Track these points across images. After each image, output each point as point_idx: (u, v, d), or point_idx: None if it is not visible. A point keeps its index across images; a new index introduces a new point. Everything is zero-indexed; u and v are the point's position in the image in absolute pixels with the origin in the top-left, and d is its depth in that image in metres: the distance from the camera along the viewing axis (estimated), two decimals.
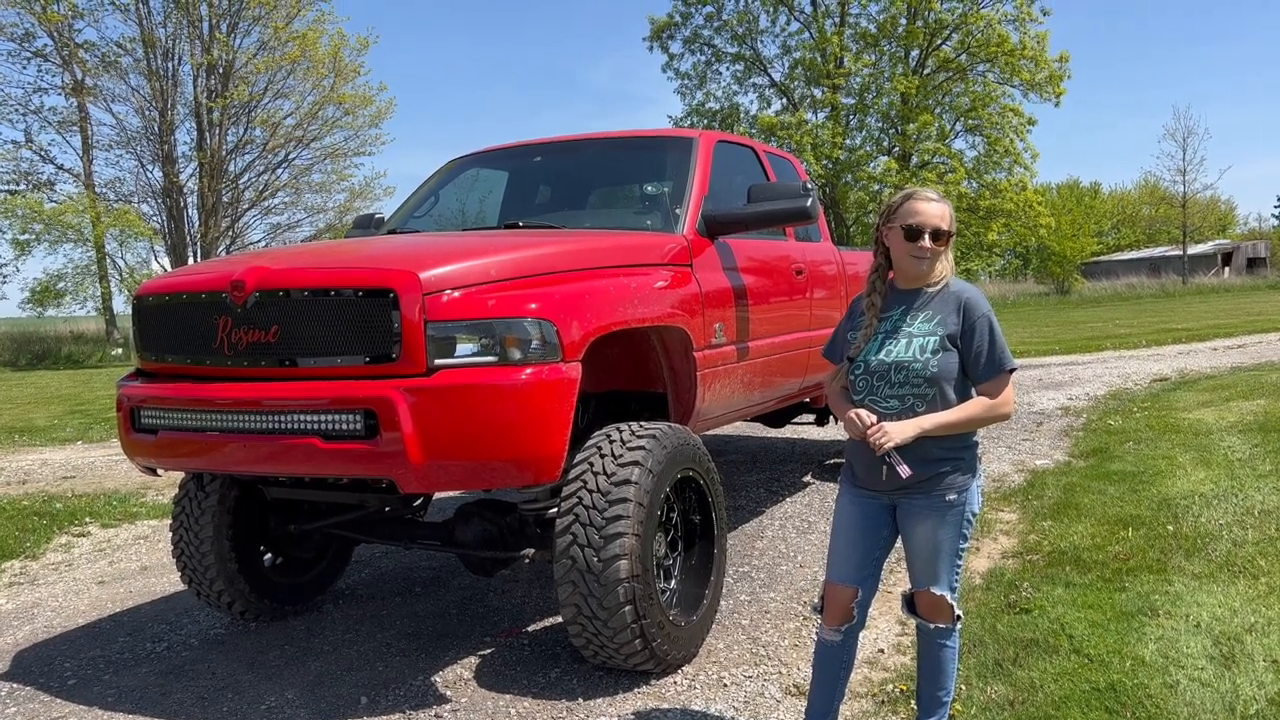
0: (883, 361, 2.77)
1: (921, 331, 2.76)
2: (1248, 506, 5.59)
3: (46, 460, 9.87)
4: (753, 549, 5.47)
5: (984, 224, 34.20)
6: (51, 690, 3.95)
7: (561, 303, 3.53)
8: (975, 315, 2.75)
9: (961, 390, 2.78)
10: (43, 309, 31.50)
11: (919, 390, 2.73)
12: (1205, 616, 3.97)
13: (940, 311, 2.78)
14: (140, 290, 4.04)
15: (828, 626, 2.96)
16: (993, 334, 2.75)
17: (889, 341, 2.79)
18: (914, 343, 2.75)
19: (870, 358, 2.79)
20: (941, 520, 2.78)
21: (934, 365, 2.72)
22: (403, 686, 3.81)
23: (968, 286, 2.84)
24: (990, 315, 2.78)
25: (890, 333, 2.80)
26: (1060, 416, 9.57)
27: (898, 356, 2.76)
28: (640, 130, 5.71)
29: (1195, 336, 17.86)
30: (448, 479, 3.42)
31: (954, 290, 2.81)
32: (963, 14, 33.67)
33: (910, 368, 2.73)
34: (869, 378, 2.80)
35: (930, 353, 2.73)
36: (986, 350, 2.74)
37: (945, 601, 2.84)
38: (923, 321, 2.78)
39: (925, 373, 2.72)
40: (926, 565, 2.84)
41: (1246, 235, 66.74)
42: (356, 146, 33.69)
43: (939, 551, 2.81)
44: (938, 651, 2.90)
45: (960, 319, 2.76)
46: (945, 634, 2.89)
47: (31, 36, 29.21)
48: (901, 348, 2.76)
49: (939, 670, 2.91)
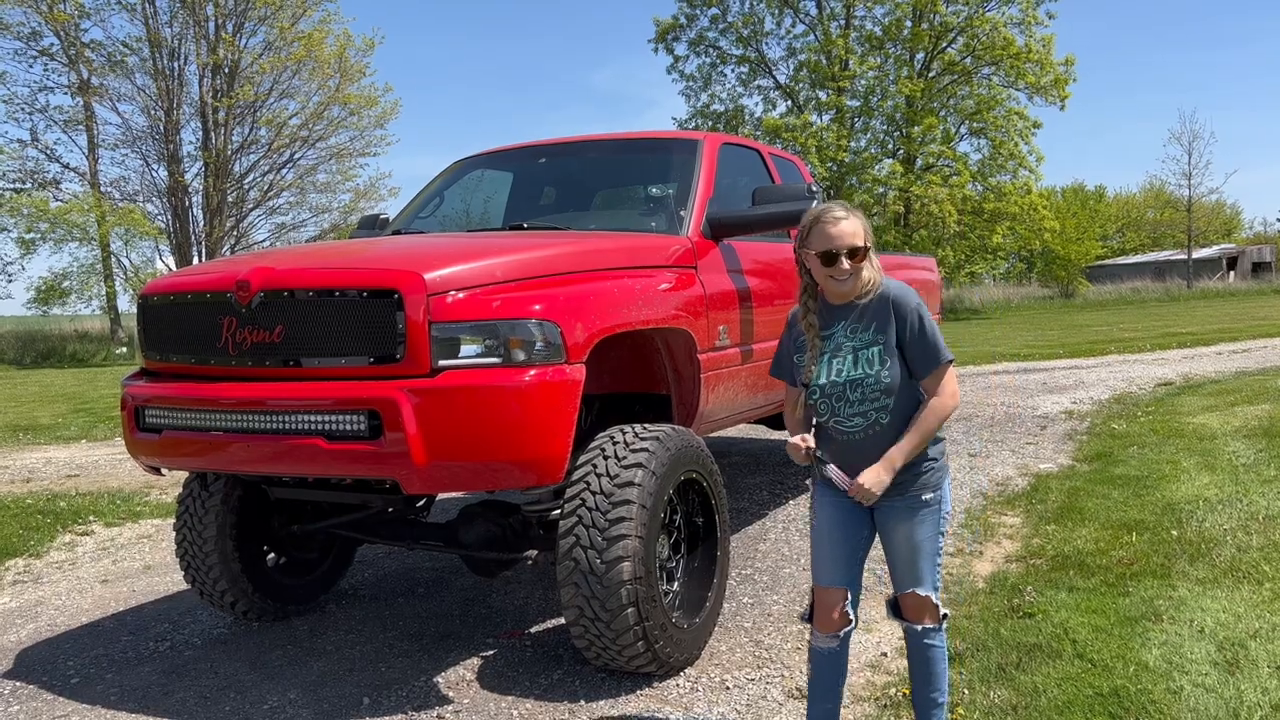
0: (835, 382, 2.77)
1: (864, 343, 2.75)
2: (1252, 512, 5.57)
3: (50, 458, 9.89)
4: (756, 551, 5.47)
5: (989, 227, 34.19)
6: (55, 689, 3.96)
7: (566, 304, 3.53)
8: (905, 312, 2.74)
9: (915, 390, 2.77)
10: (47, 307, 31.53)
11: (879, 403, 2.73)
12: (1209, 622, 3.96)
13: (876, 319, 2.77)
14: (145, 290, 4.05)
15: (822, 634, 2.93)
16: (923, 327, 2.73)
17: (835, 360, 2.78)
18: (860, 356, 2.75)
19: (822, 380, 2.79)
20: (920, 520, 2.80)
21: (886, 375, 2.72)
22: (405, 687, 3.81)
23: (894, 284, 2.80)
24: (919, 309, 2.75)
25: (835, 350, 2.79)
26: (1064, 420, 9.55)
27: (849, 374, 2.75)
28: (645, 132, 5.71)
29: (1200, 341, 17.82)
30: (451, 480, 3.43)
31: (885, 296, 2.78)
32: (968, 17, 33.67)
33: (865, 383, 2.74)
34: (828, 400, 2.79)
35: (879, 364, 2.72)
36: (921, 343, 2.73)
37: (930, 601, 2.85)
38: (862, 333, 2.77)
39: (880, 385, 2.73)
40: (909, 567, 2.84)
41: (1252, 240, 66.58)
42: (361, 147, 33.80)
43: (920, 551, 2.81)
44: (926, 653, 2.90)
45: (893, 321, 2.74)
46: (932, 634, 2.88)
47: (38, 35, 29.32)
48: (850, 364, 2.75)
49: (930, 671, 2.91)
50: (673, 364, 4.36)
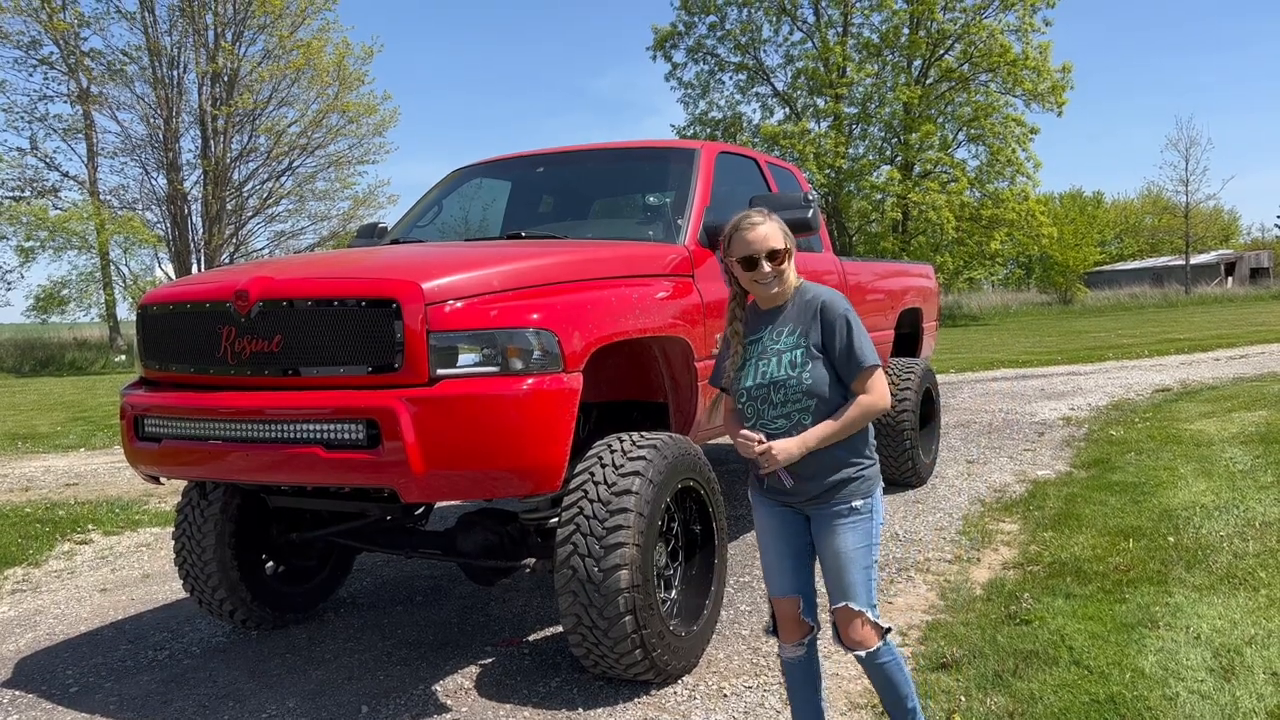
0: (760, 384, 2.79)
1: (787, 346, 2.78)
2: (1249, 518, 5.59)
3: (49, 467, 9.89)
4: (753, 559, 5.47)
5: (986, 233, 34.24)
6: (53, 698, 3.96)
7: (563, 313, 3.55)
8: (833, 317, 2.77)
9: (843, 393, 2.78)
10: (46, 316, 31.54)
11: (801, 404, 2.75)
12: (1205, 628, 3.97)
13: (801, 322, 2.80)
14: (144, 299, 4.06)
15: (787, 645, 2.93)
16: (850, 332, 2.75)
17: (760, 362, 2.81)
18: (783, 359, 2.77)
19: (748, 383, 2.82)
20: (847, 529, 2.77)
21: (806, 378, 2.74)
22: (403, 695, 3.82)
23: (823, 290, 2.84)
24: (848, 314, 2.78)
25: (761, 354, 2.82)
26: (1062, 426, 9.57)
27: (771, 376, 2.77)
28: (643, 141, 5.73)
29: (1198, 347, 17.85)
30: (449, 488, 3.44)
31: (809, 297, 2.83)
32: (965, 24, 33.78)
33: (786, 384, 2.75)
34: (754, 403, 2.81)
35: (800, 365, 2.75)
36: (846, 349, 2.75)
37: (864, 617, 2.77)
38: (786, 335, 2.80)
39: (801, 386, 2.74)
40: (837, 579, 2.79)
41: (1250, 245, 66.73)
42: (360, 154, 33.85)
43: (849, 562, 2.77)
44: (881, 671, 2.82)
45: (819, 325, 2.78)
46: (878, 653, 2.79)
47: (38, 44, 29.41)
48: (773, 366, 2.78)
49: (890, 684, 2.84)
50: (670, 372, 4.38)
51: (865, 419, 2.77)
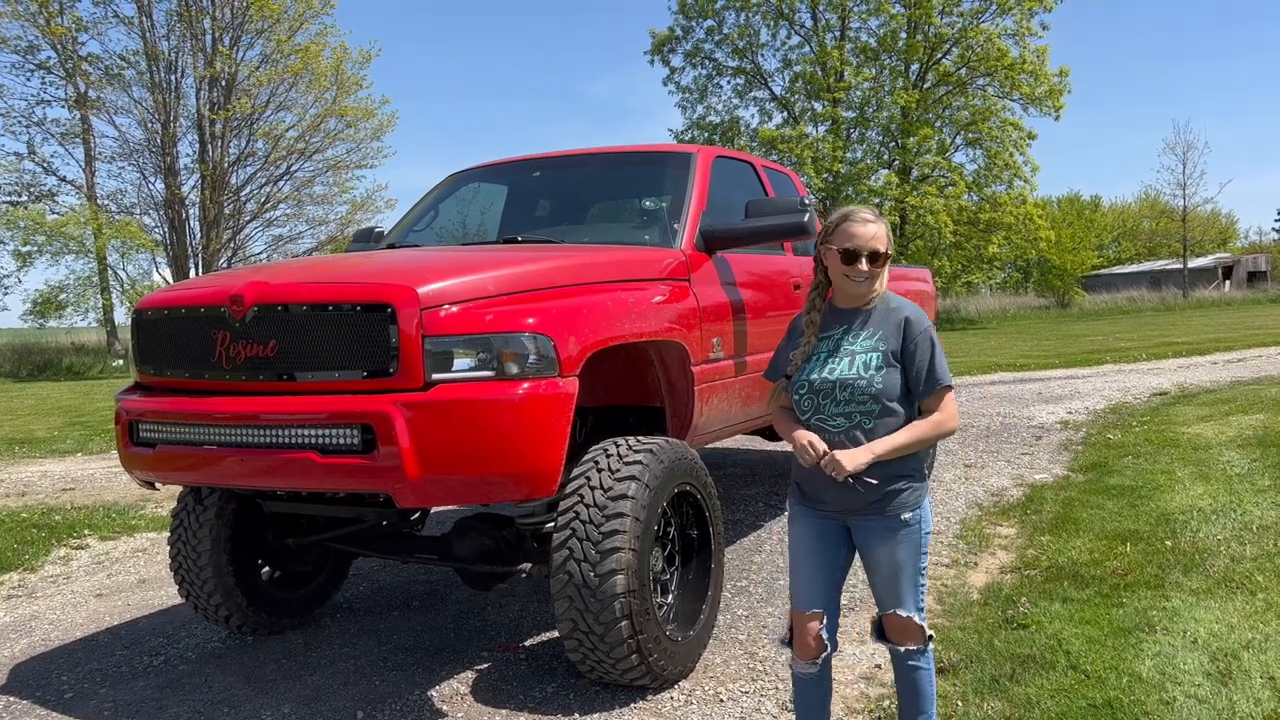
0: (826, 379, 2.77)
1: (863, 348, 2.77)
2: (1246, 522, 5.58)
3: (46, 472, 9.88)
4: (751, 563, 5.47)
5: (984, 237, 34.28)
6: (48, 704, 3.95)
7: (559, 317, 3.54)
8: (916, 332, 2.77)
9: (905, 406, 2.78)
10: (44, 320, 31.47)
11: (864, 407, 2.74)
12: (1202, 633, 3.97)
13: (881, 328, 2.79)
14: (139, 304, 4.06)
15: (802, 661, 2.91)
16: (933, 351, 2.77)
17: (831, 359, 2.79)
18: (856, 360, 2.76)
19: (813, 376, 2.79)
20: (900, 540, 2.78)
21: (878, 382, 2.73)
22: (399, 701, 3.81)
23: (907, 304, 2.86)
24: (930, 331, 2.79)
25: (832, 351, 2.81)
26: (1059, 430, 9.57)
27: (841, 374, 2.76)
28: (639, 145, 5.73)
29: (1195, 350, 17.86)
30: (445, 493, 3.43)
31: (893, 306, 2.83)
32: (962, 28, 33.84)
33: (855, 385, 2.74)
34: (814, 396, 2.79)
35: (874, 369, 2.74)
36: (927, 367, 2.75)
37: (914, 623, 2.82)
38: (864, 339, 2.79)
39: (870, 390, 2.73)
40: (890, 587, 2.82)
41: (1247, 249, 66.82)
42: (358, 159, 33.78)
43: (901, 572, 2.79)
44: (912, 674, 2.87)
45: (901, 336, 2.77)
46: (916, 655, 2.86)
47: (35, 49, 29.32)
48: (844, 365, 2.77)
49: (917, 693, 2.89)
50: (666, 376, 4.37)
51: (936, 437, 2.79)
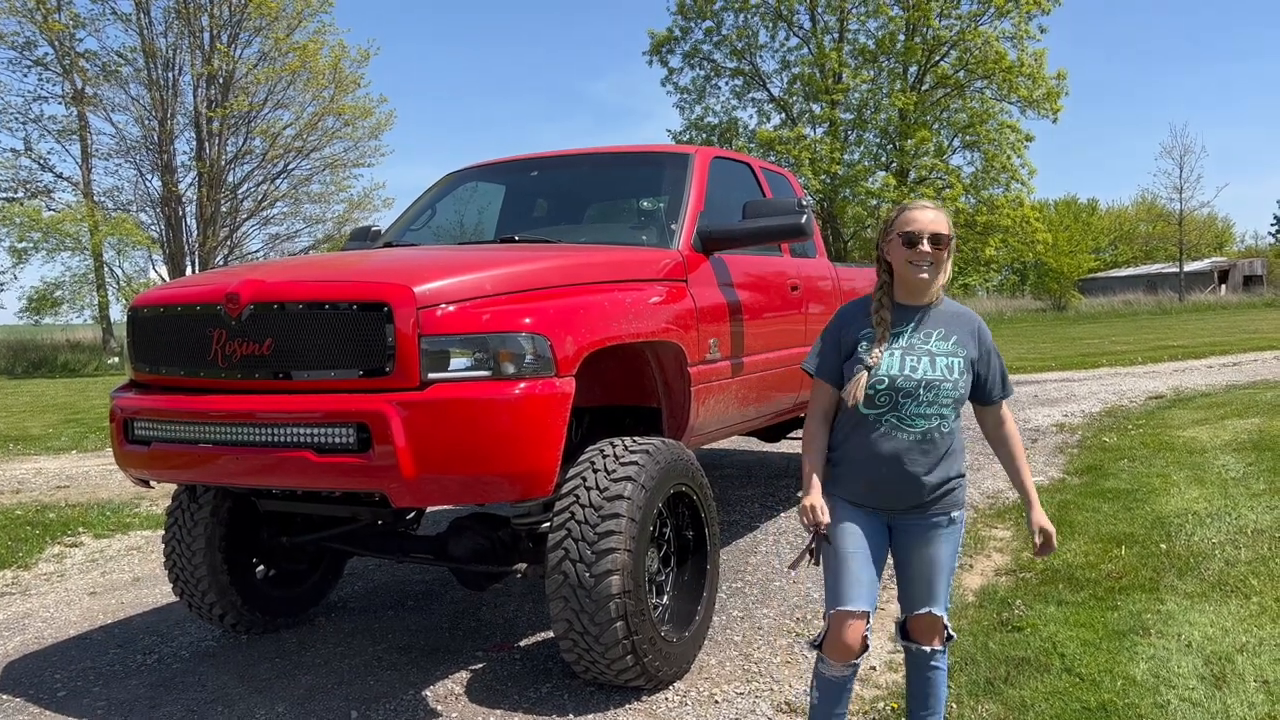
0: (909, 378, 2.72)
1: (943, 351, 2.76)
2: (1241, 525, 5.59)
3: (41, 469, 9.85)
4: (746, 564, 5.46)
5: (981, 239, 34.28)
6: (41, 702, 3.94)
7: (556, 317, 3.54)
8: (988, 343, 2.89)
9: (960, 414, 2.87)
10: (39, 317, 31.43)
11: (944, 410, 2.75)
12: (1197, 636, 3.97)
13: (956, 333, 2.81)
14: (135, 302, 4.05)
15: (837, 664, 2.76)
16: (1001, 360, 2.93)
17: (909, 358, 2.74)
18: (939, 362, 2.74)
19: (894, 373, 2.73)
20: (946, 539, 2.82)
21: (963, 386, 2.78)
22: (393, 701, 3.80)
23: (970, 311, 2.94)
24: (994, 343, 2.94)
25: (907, 349, 2.76)
26: (1055, 433, 9.58)
27: (926, 375, 2.73)
28: (637, 146, 5.73)
29: (1191, 354, 17.89)
30: (440, 493, 3.43)
31: (959, 311, 2.89)
32: (961, 31, 33.83)
33: (941, 388, 2.73)
34: (893, 394, 2.72)
35: (958, 374, 2.77)
36: (1001, 375, 2.91)
37: (942, 622, 2.84)
38: (939, 340, 2.78)
39: (955, 393, 2.75)
40: (927, 586, 2.82)
41: (1243, 253, 66.92)
42: (356, 158, 33.77)
43: (941, 571, 2.82)
44: (929, 674, 2.89)
45: (978, 345, 2.85)
46: (939, 656, 2.88)
47: (32, 45, 29.29)
48: (927, 365, 2.74)
49: (930, 693, 2.90)
50: (663, 377, 4.37)
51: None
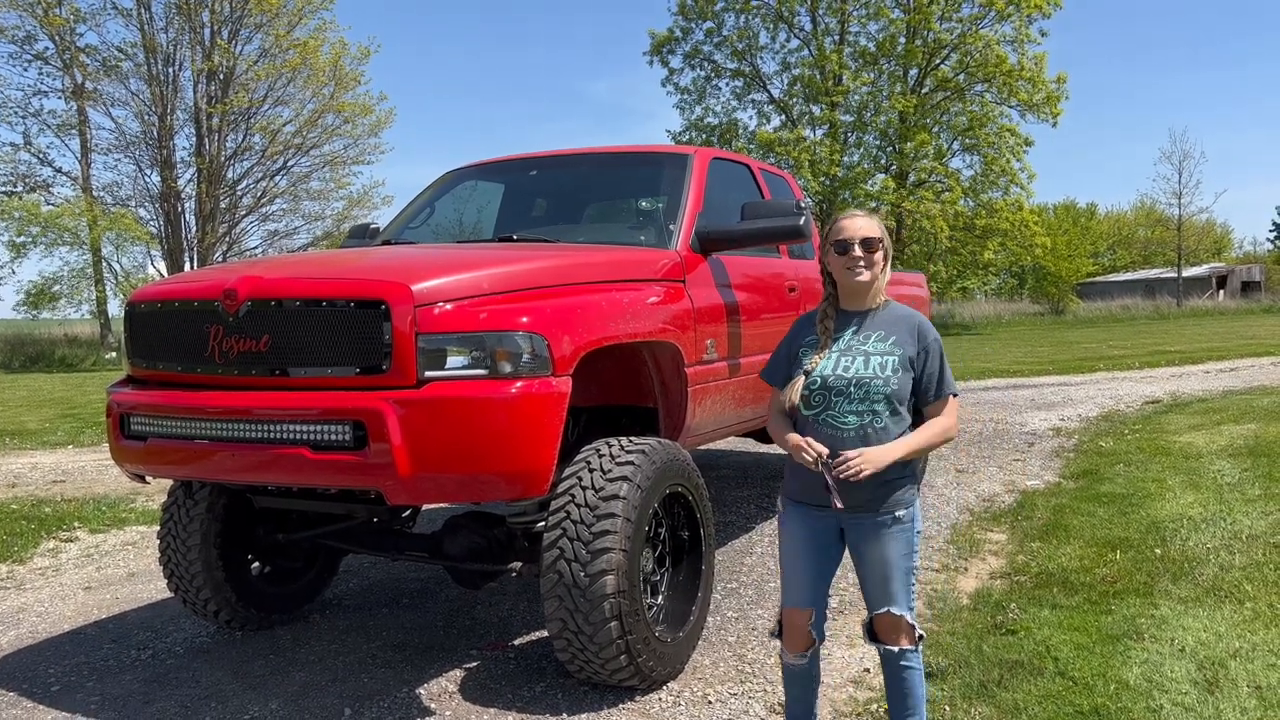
0: (841, 377, 2.83)
1: (879, 350, 2.85)
2: (1235, 531, 5.60)
3: (37, 464, 9.84)
4: (741, 565, 5.47)
5: (980, 243, 34.34)
6: (35, 696, 3.94)
7: (553, 317, 3.54)
8: (929, 340, 2.89)
9: (909, 410, 2.88)
10: (37, 311, 31.38)
11: (876, 407, 2.81)
12: (1190, 641, 3.98)
13: (894, 332, 2.88)
14: (133, 297, 4.05)
15: (791, 653, 3.01)
16: (943, 359, 2.90)
17: (844, 359, 2.86)
18: (872, 360, 2.83)
19: (826, 372, 2.85)
20: (892, 539, 2.84)
21: (894, 383, 2.81)
22: (387, 698, 3.80)
23: (915, 312, 2.96)
24: (939, 342, 2.91)
25: (844, 350, 2.88)
26: (1052, 437, 9.59)
27: (858, 373, 2.82)
28: (636, 146, 5.73)
29: (1188, 359, 17.91)
30: (436, 491, 3.43)
31: (903, 313, 2.93)
32: (961, 34, 33.88)
33: (871, 384, 2.81)
34: (826, 393, 2.84)
35: (890, 371, 2.82)
36: (937, 375, 2.88)
37: (905, 622, 2.86)
38: (877, 340, 2.87)
39: (885, 390, 2.80)
40: (882, 586, 2.87)
41: (1241, 259, 67.04)
42: (355, 155, 33.79)
43: (894, 570, 2.85)
44: (902, 674, 2.90)
45: (916, 342, 2.87)
46: (909, 656, 2.89)
47: (33, 39, 29.33)
48: (860, 364, 2.83)
49: (907, 694, 2.91)
50: (660, 377, 4.37)
51: (942, 442, 2.91)
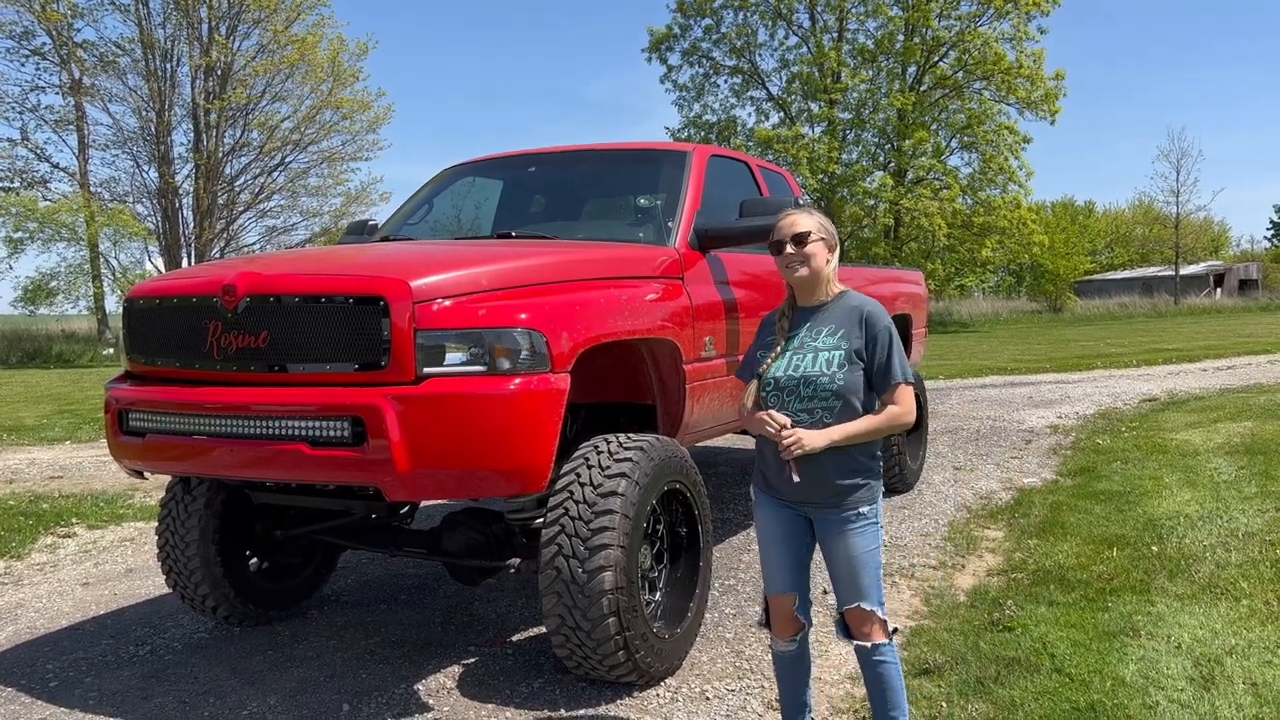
0: (791, 376, 2.85)
1: (826, 346, 2.85)
2: (1232, 528, 5.61)
3: (34, 460, 9.84)
4: (739, 562, 5.48)
5: (978, 241, 34.33)
6: (33, 692, 3.94)
7: (552, 313, 3.54)
8: (877, 328, 2.85)
9: (868, 403, 2.85)
10: (35, 307, 31.35)
11: (826, 404, 2.81)
12: (1186, 638, 3.99)
13: (842, 325, 2.87)
14: (131, 293, 4.04)
15: (780, 640, 3.04)
16: (891, 346, 2.83)
17: (795, 357, 2.87)
18: (819, 357, 2.84)
19: (779, 374, 2.87)
20: (859, 534, 2.84)
21: (840, 379, 2.80)
22: (385, 694, 3.81)
23: (869, 300, 2.93)
24: (890, 329, 2.86)
25: (797, 349, 2.89)
26: (1049, 435, 9.60)
27: (805, 371, 2.83)
28: (635, 143, 5.73)
29: (1186, 357, 17.94)
30: (434, 487, 3.43)
31: (854, 304, 2.91)
32: (960, 31, 33.86)
33: (817, 382, 2.81)
34: (779, 393, 2.86)
35: (836, 366, 2.81)
36: (885, 363, 2.83)
37: (875, 616, 2.86)
38: (826, 335, 2.87)
39: (831, 386, 2.80)
40: (850, 581, 2.87)
41: (1239, 257, 67.12)
42: (353, 151, 33.73)
43: (862, 565, 2.85)
44: (878, 669, 2.90)
45: (863, 332, 2.84)
46: (883, 650, 2.89)
47: (30, 35, 29.20)
48: (808, 362, 2.84)
49: (886, 689, 2.90)
50: (658, 374, 4.38)
51: (890, 429, 2.85)
